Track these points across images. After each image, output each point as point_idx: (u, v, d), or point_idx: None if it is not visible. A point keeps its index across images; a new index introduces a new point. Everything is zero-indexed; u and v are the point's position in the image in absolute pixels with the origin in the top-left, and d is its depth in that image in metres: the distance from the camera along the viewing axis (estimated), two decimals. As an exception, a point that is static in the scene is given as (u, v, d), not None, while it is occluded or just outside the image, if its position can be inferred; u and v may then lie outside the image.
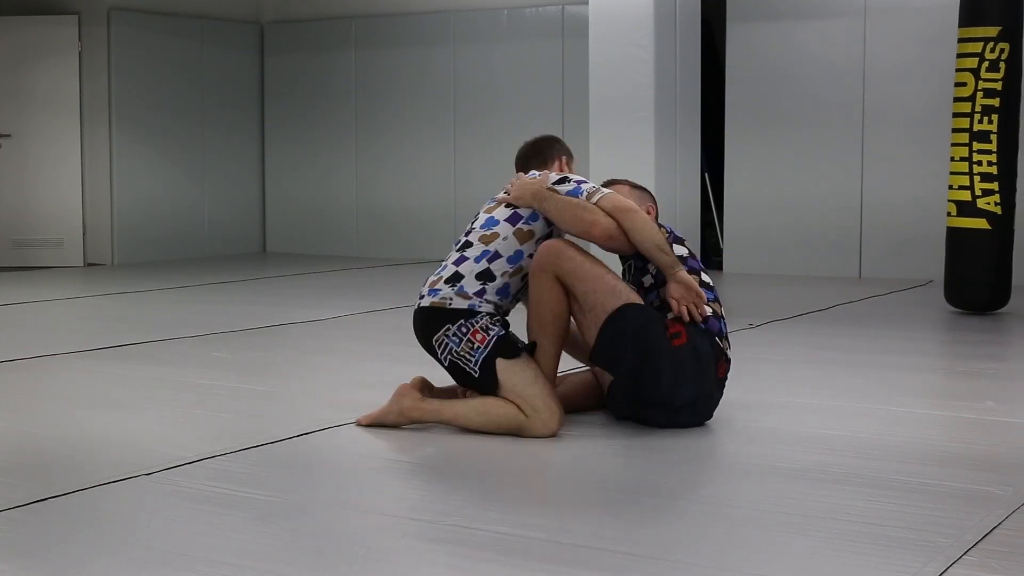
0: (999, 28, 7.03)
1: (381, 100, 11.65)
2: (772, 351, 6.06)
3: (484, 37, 11.14)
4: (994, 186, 7.10)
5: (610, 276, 4.22)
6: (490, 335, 4.19)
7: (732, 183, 10.03)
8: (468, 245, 4.36)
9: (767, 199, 9.85)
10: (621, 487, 3.66)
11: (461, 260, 4.33)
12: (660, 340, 4.14)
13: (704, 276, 4.39)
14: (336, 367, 5.77)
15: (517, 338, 4.37)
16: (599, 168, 7.06)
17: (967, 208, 7.15)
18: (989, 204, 7.10)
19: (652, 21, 7.20)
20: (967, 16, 7.15)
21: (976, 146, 7.10)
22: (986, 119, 7.07)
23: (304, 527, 3.23)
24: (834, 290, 8.59)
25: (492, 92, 11.05)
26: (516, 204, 4.37)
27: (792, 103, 9.75)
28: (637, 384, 4.22)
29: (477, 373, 4.19)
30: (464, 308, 4.23)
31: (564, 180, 4.37)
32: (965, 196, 7.15)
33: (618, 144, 7.31)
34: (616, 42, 7.30)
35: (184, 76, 11.55)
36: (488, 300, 4.26)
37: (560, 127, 10.39)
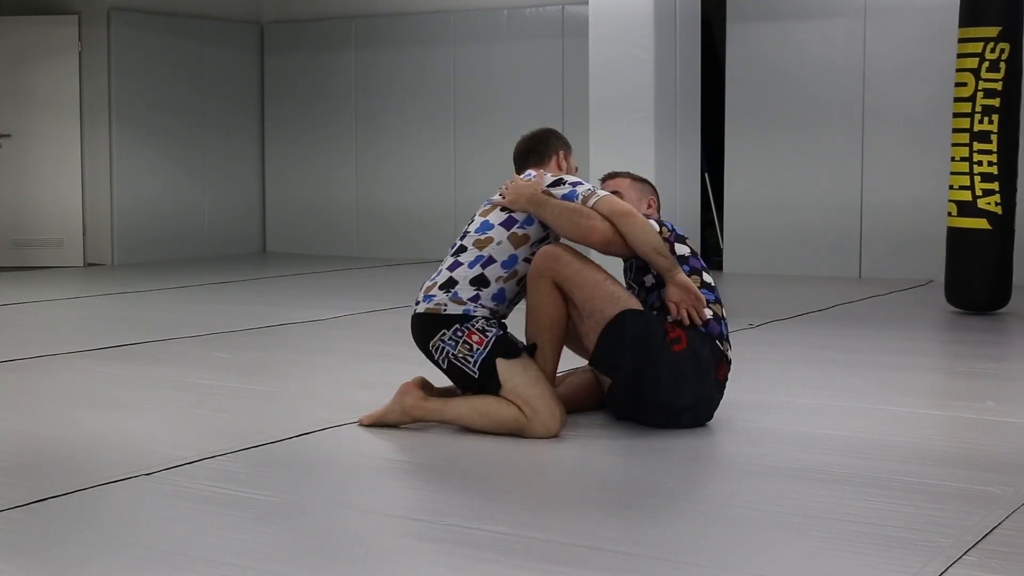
0: (999, 28, 7.04)
1: (381, 100, 11.65)
2: (772, 351, 6.06)
3: (484, 37, 11.14)
4: (994, 186, 7.10)
5: (608, 282, 4.21)
6: (488, 336, 4.19)
7: (732, 183, 10.03)
8: (463, 250, 4.35)
9: (767, 199, 9.85)
10: (621, 487, 3.66)
11: (455, 265, 4.32)
12: (660, 346, 4.13)
13: (706, 276, 4.38)
14: (336, 367, 5.77)
15: (516, 338, 4.37)
16: (599, 168, 7.06)
17: (968, 208, 7.15)
18: (989, 204, 7.10)
19: (652, 21, 7.20)
20: (967, 16, 7.15)
21: (976, 146, 7.10)
22: (986, 119, 7.07)
23: (304, 527, 3.22)
24: (834, 290, 8.59)
25: (492, 92, 11.05)
26: (512, 208, 4.37)
27: (792, 103, 9.75)
28: (637, 388, 4.22)
29: (477, 374, 4.19)
30: (459, 313, 4.23)
31: (559, 182, 4.34)
32: (966, 196, 7.15)
33: (618, 144, 7.31)
34: (616, 42, 7.29)
35: (184, 76, 11.55)
36: (483, 305, 4.25)
37: (560, 127, 10.36)
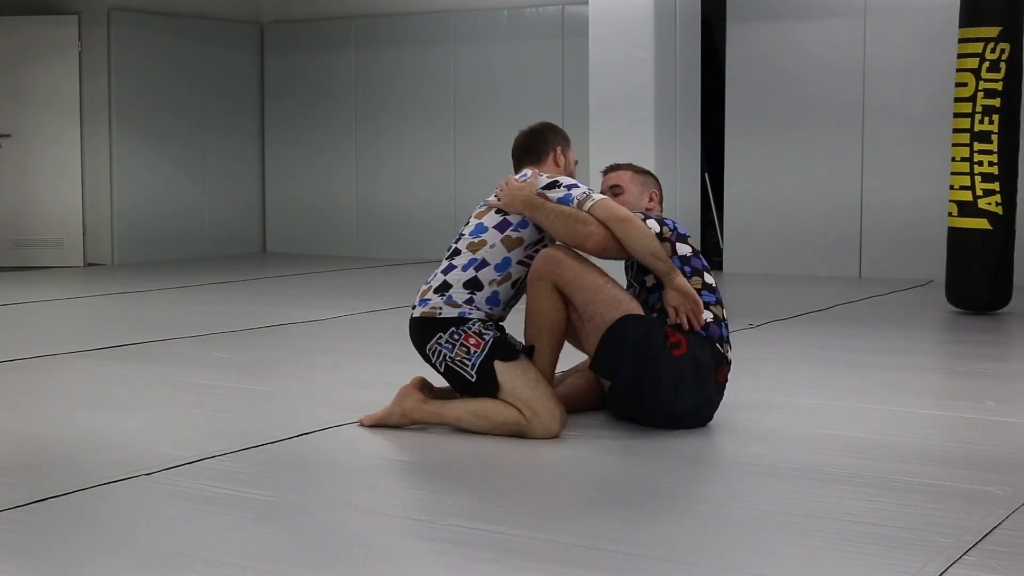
0: (999, 28, 7.04)
1: (381, 100, 11.65)
2: (772, 351, 6.06)
3: (484, 37, 11.14)
4: (995, 186, 7.10)
5: (609, 285, 4.19)
6: (485, 339, 4.18)
7: (732, 183, 10.03)
8: (457, 253, 4.34)
9: (767, 199, 9.85)
10: (621, 487, 3.66)
11: (449, 269, 4.31)
12: (660, 351, 4.13)
13: (707, 277, 4.36)
14: (336, 367, 5.77)
15: (514, 340, 4.37)
16: (599, 168, 7.05)
17: (968, 208, 7.15)
18: (990, 204, 7.10)
19: (652, 21, 7.19)
20: (967, 16, 7.16)
21: (977, 146, 7.10)
22: (987, 119, 7.07)
23: (304, 527, 3.22)
24: (834, 290, 8.59)
25: (492, 92, 11.05)
26: (506, 210, 4.34)
27: (792, 103, 9.74)
28: (637, 392, 4.21)
29: (475, 378, 4.18)
30: (454, 316, 4.22)
31: (554, 185, 4.31)
32: (966, 196, 7.15)
33: (618, 144, 7.30)
34: (616, 42, 7.29)
35: (184, 76, 11.55)
36: (478, 308, 4.25)
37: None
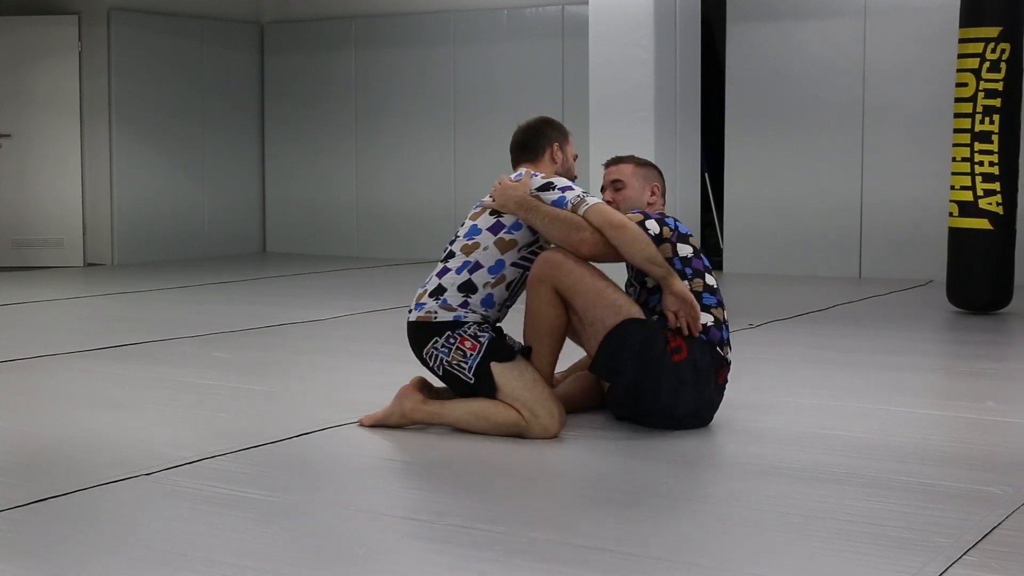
0: (1000, 28, 7.03)
1: (381, 100, 11.65)
2: (772, 351, 6.06)
3: (484, 37, 11.14)
4: (996, 186, 7.10)
5: (609, 290, 4.17)
6: (480, 341, 4.18)
7: (732, 183, 10.03)
8: (451, 255, 4.33)
9: (767, 199, 9.85)
10: (621, 487, 3.66)
11: (444, 272, 4.31)
12: (660, 356, 4.12)
13: (709, 278, 4.33)
14: (336, 367, 5.76)
15: (512, 340, 4.36)
16: (599, 168, 7.05)
17: (969, 208, 7.15)
18: (991, 204, 7.10)
19: (652, 21, 7.19)
20: (967, 16, 7.16)
21: (978, 146, 7.10)
22: (987, 119, 7.08)
23: (304, 527, 3.22)
24: (834, 290, 8.59)
25: (492, 92, 11.05)
26: (500, 210, 4.32)
27: (792, 103, 9.74)
28: (637, 396, 4.21)
29: (472, 380, 4.18)
30: (449, 320, 4.22)
31: (548, 186, 4.28)
32: (967, 196, 7.15)
33: (618, 144, 7.26)
34: (616, 42, 7.29)
35: (184, 76, 11.55)
36: (473, 310, 4.24)
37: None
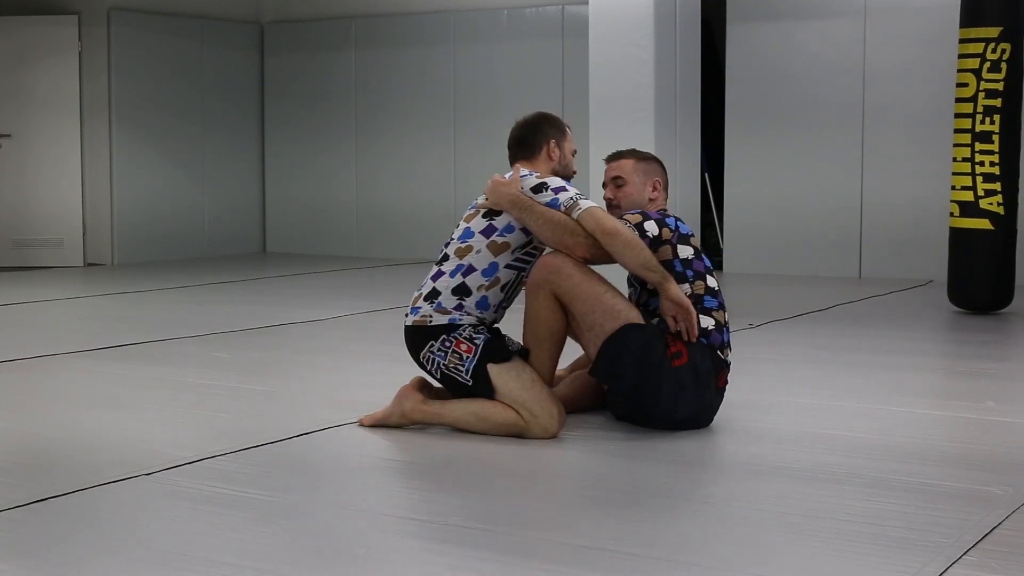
0: (1000, 28, 7.04)
1: (381, 100, 11.65)
2: (772, 351, 6.06)
3: (484, 37, 11.14)
4: (996, 186, 7.10)
5: (609, 294, 4.15)
6: (476, 343, 4.18)
7: (732, 183, 10.02)
8: (446, 259, 4.33)
9: (767, 199, 9.85)
10: (621, 487, 3.66)
11: (438, 275, 4.31)
12: (660, 361, 4.11)
13: (710, 280, 4.31)
14: (336, 367, 5.76)
15: (510, 341, 4.36)
16: (598, 169, 7.05)
17: (970, 209, 7.15)
18: (992, 204, 7.10)
19: (652, 21, 7.19)
20: (968, 16, 7.16)
21: (978, 147, 7.10)
22: (988, 120, 7.08)
23: (304, 527, 3.22)
24: (834, 290, 8.59)
25: (492, 92, 11.04)
26: (494, 208, 4.30)
27: (792, 103, 9.74)
28: (637, 400, 4.21)
29: (470, 382, 4.18)
30: (444, 323, 4.22)
31: (542, 187, 4.25)
32: (968, 197, 7.15)
33: (618, 144, 7.22)
34: (616, 42, 7.28)
35: (184, 76, 11.55)
36: (468, 313, 4.24)
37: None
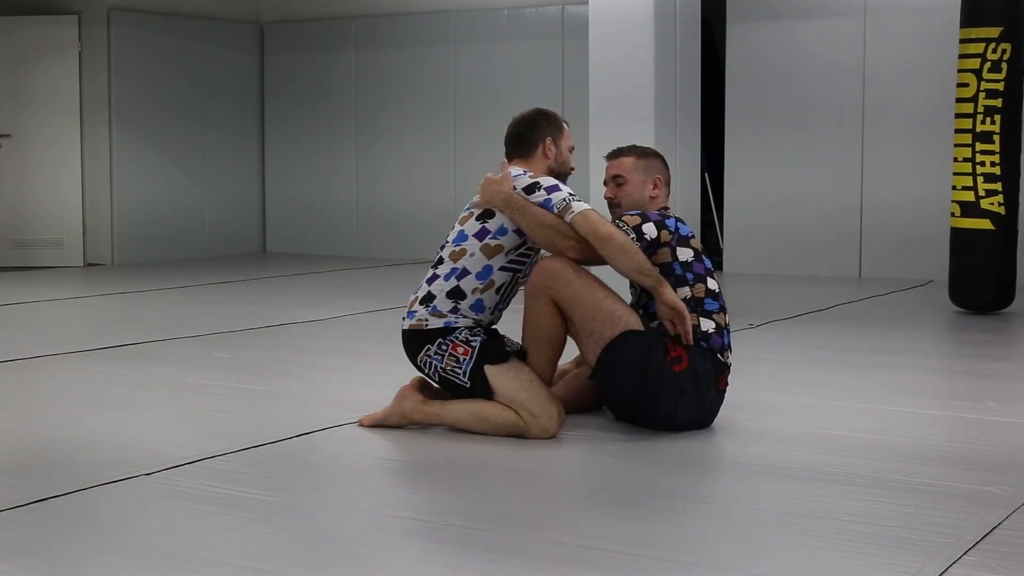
0: (1000, 29, 7.03)
1: (381, 100, 11.65)
2: (772, 351, 6.06)
3: (484, 37, 11.14)
4: (997, 187, 7.10)
5: (608, 301, 4.13)
6: (472, 345, 4.18)
7: (732, 183, 10.02)
8: (441, 262, 4.33)
9: (767, 199, 9.85)
10: (621, 487, 3.65)
11: (433, 279, 4.31)
12: (660, 367, 4.10)
13: (711, 283, 4.28)
14: (336, 367, 5.76)
15: (506, 341, 4.36)
16: (598, 168, 7.05)
17: (971, 209, 7.15)
18: (993, 204, 7.11)
19: (652, 21, 7.19)
20: (968, 16, 7.16)
21: (979, 147, 7.10)
22: (989, 120, 7.08)
23: (304, 527, 3.22)
24: (834, 290, 8.59)
25: (492, 92, 11.04)
26: (487, 207, 4.29)
27: (792, 103, 9.74)
28: (637, 406, 4.21)
29: (468, 384, 4.19)
30: (440, 327, 4.22)
31: (535, 187, 4.23)
32: (969, 197, 7.15)
33: (618, 144, 7.28)
34: (616, 42, 7.28)
35: (184, 76, 11.55)
36: (464, 315, 4.24)
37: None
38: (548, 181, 4.29)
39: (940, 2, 9.06)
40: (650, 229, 4.24)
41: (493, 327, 4.38)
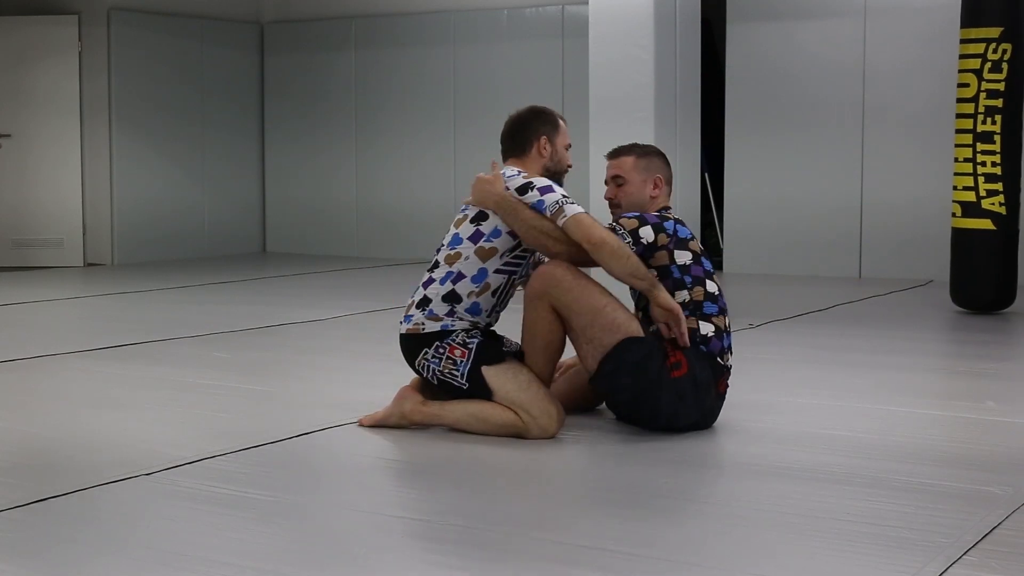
0: (1001, 29, 7.04)
1: (381, 100, 11.64)
2: (772, 351, 6.06)
3: (484, 37, 11.14)
4: (998, 187, 7.11)
5: (609, 308, 4.11)
6: (469, 347, 4.18)
7: (732, 183, 10.02)
8: (436, 265, 4.32)
9: (767, 199, 9.85)
10: (621, 487, 3.65)
11: (429, 282, 4.30)
12: (659, 373, 4.09)
13: (710, 285, 4.25)
14: (336, 367, 5.76)
15: (504, 341, 4.35)
16: (599, 168, 7.05)
17: (972, 209, 7.15)
18: (994, 205, 7.11)
19: (652, 21, 7.19)
20: (968, 17, 7.16)
21: (980, 147, 7.10)
22: (989, 120, 7.08)
23: (304, 527, 3.22)
24: (834, 290, 8.59)
25: (492, 92, 11.04)
26: (481, 208, 4.28)
27: (792, 103, 9.74)
28: (637, 411, 4.21)
29: (466, 386, 4.18)
30: (437, 330, 4.22)
31: (528, 187, 4.22)
32: (970, 197, 7.15)
33: (618, 144, 7.29)
34: (616, 42, 7.28)
35: (184, 76, 11.55)
36: (460, 318, 4.24)
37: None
38: (542, 182, 4.26)
39: (940, 2, 9.06)
40: (647, 232, 4.21)
41: (491, 329, 4.38)
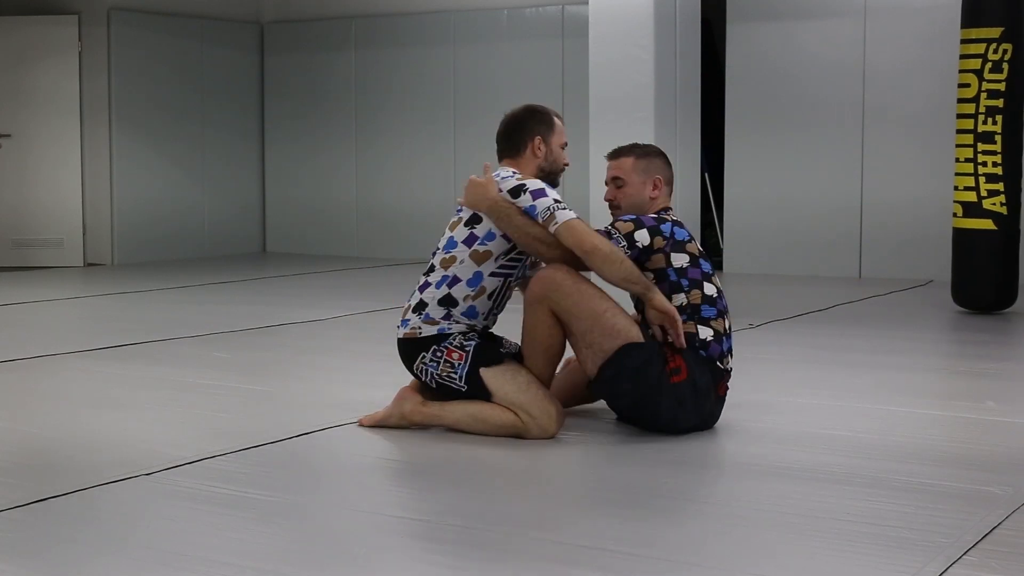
0: (1001, 29, 7.04)
1: (381, 100, 11.64)
2: (772, 351, 6.06)
3: (484, 37, 11.14)
4: (999, 187, 7.11)
5: (609, 313, 4.09)
6: (466, 350, 4.18)
7: (732, 183, 10.02)
8: (432, 269, 4.32)
9: (767, 199, 9.85)
10: (621, 487, 3.65)
11: (425, 286, 4.30)
12: (659, 378, 4.08)
13: (708, 288, 4.22)
14: (336, 367, 5.76)
15: (503, 342, 4.35)
16: (599, 168, 7.05)
17: (973, 209, 7.15)
18: (995, 205, 7.11)
19: (652, 21, 7.19)
20: (969, 17, 7.16)
21: (981, 147, 7.10)
22: (990, 120, 7.08)
23: (304, 527, 3.22)
24: (834, 290, 8.59)
25: (492, 92, 11.03)
26: (474, 210, 4.26)
27: (792, 103, 9.74)
28: (637, 416, 4.21)
29: (465, 388, 4.18)
30: (434, 334, 4.22)
31: (520, 189, 4.20)
32: (971, 197, 7.15)
33: (618, 144, 7.28)
34: (616, 42, 7.28)
35: (184, 76, 11.55)
36: (457, 321, 4.24)
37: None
38: (534, 184, 4.23)
39: (940, 2, 9.06)
40: (642, 236, 4.18)
41: (488, 330, 4.38)
